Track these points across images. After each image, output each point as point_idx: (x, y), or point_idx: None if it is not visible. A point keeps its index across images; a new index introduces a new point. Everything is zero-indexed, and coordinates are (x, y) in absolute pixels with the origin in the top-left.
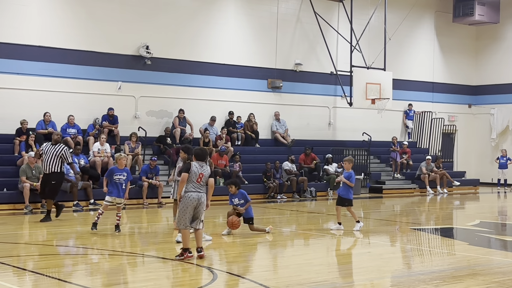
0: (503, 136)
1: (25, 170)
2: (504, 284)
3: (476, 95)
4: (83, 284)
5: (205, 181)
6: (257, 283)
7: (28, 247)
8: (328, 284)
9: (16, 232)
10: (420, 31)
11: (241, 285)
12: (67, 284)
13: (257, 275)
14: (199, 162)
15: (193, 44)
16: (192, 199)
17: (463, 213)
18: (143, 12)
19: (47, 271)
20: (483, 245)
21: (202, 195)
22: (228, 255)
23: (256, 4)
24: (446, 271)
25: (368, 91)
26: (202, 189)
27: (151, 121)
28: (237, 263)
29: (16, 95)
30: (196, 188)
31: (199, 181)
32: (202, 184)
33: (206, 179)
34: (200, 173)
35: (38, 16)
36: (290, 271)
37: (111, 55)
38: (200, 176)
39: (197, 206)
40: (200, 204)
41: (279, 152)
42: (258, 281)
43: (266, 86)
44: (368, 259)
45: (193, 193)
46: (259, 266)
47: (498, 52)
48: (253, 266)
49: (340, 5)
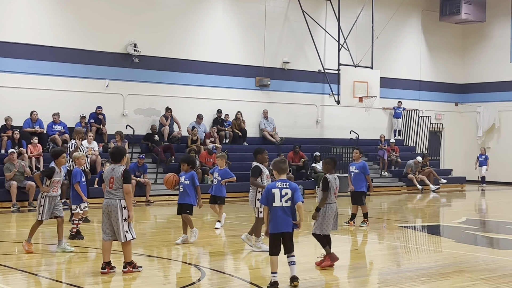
0: (489, 134)
1: (8, 167)
2: (490, 281)
3: (463, 94)
4: (70, 283)
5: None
6: (245, 281)
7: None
8: (316, 281)
9: (2, 230)
10: (407, 29)
11: (229, 283)
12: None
13: (244, 273)
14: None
15: (181, 42)
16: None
17: (449, 210)
18: (131, 10)
19: (33, 269)
20: (469, 242)
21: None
22: (215, 253)
23: (244, 2)
24: (433, 268)
25: (355, 89)
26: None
27: (139, 119)
28: (225, 261)
29: (3, 92)
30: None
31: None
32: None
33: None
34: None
35: (26, 14)
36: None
37: (99, 53)
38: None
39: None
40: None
41: (267, 150)
42: (245, 279)
43: (254, 84)
44: (356, 257)
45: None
46: (246, 264)
47: (485, 50)
48: (240, 264)
49: (327, 4)
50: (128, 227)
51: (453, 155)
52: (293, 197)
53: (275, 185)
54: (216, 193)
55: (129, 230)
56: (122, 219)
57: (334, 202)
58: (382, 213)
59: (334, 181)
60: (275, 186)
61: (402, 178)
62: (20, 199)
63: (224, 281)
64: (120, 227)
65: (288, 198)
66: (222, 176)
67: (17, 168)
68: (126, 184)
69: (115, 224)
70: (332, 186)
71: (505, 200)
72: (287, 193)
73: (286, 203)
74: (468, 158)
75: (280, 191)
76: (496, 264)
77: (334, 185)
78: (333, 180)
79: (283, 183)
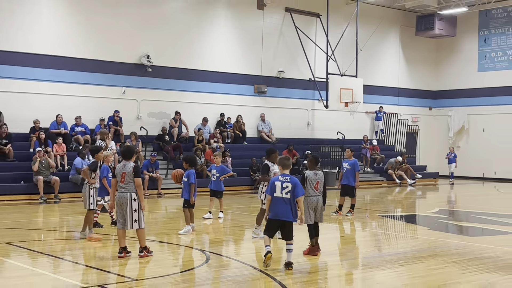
0: (459, 135)
1: (36, 164)
2: (460, 264)
3: (436, 99)
4: (90, 265)
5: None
6: (244, 264)
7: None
8: (307, 264)
9: (31, 219)
10: (387, 43)
11: (231, 266)
12: (79, 266)
13: (245, 257)
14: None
15: (188, 54)
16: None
17: (424, 202)
18: (144, 25)
19: (58, 253)
20: (441, 230)
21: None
22: (219, 238)
23: (244, 19)
24: (409, 253)
25: (342, 96)
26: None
27: (151, 121)
28: (227, 246)
29: (31, 98)
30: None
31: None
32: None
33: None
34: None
35: (50, 29)
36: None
37: (116, 63)
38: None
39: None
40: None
41: (264, 149)
42: (246, 262)
43: (253, 91)
44: (343, 242)
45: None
46: (246, 249)
47: (455, 62)
48: (241, 249)
49: (317, 20)
50: (138, 217)
51: (428, 153)
52: (294, 191)
53: (278, 178)
54: (215, 187)
55: (138, 219)
56: (132, 210)
57: (314, 195)
58: (365, 204)
59: (314, 176)
60: (278, 179)
61: (383, 173)
62: (46, 192)
63: (226, 264)
64: (129, 216)
65: (288, 191)
66: (220, 172)
67: (42, 161)
68: (137, 178)
69: (125, 214)
70: (310, 181)
71: (472, 193)
72: (288, 186)
73: (286, 195)
74: (440, 156)
75: (282, 184)
76: (466, 249)
77: (314, 180)
78: (312, 176)
79: (285, 177)
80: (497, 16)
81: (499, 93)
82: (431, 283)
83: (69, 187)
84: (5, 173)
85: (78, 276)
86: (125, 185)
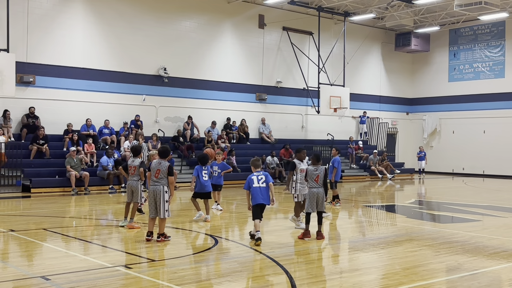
0: (432, 136)
1: (69, 161)
2: (433, 247)
3: (412, 105)
4: (117, 248)
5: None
6: (248, 247)
7: (74, 220)
8: (300, 246)
9: (64, 208)
10: (370, 57)
11: (236, 249)
12: (106, 249)
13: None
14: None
15: (199, 66)
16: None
17: (402, 194)
18: (162, 42)
19: (88, 238)
20: (417, 218)
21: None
22: (226, 225)
23: (247, 37)
24: (389, 238)
25: (331, 102)
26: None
27: (167, 125)
28: (234, 232)
29: (65, 105)
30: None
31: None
32: (160, 177)
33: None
34: (157, 169)
35: (82, 46)
36: (272, 238)
37: (137, 75)
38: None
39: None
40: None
41: (265, 148)
42: (249, 246)
43: (255, 98)
44: (331, 229)
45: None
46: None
47: (429, 73)
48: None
49: (310, 38)
50: (168, 207)
51: (405, 152)
52: (267, 180)
53: (253, 174)
54: (216, 182)
55: (168, 210)
56: (164, 200)
57: (315, 187)
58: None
59: (314, 171)
60: (254, 175)
61: (366, 169)
62: (78, 185)
63: (232, 247)
64: (162, 206)
65: (263, 181)
66: (221, 168)
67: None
68: (170, 176)
69: (159, 204)
70: (311, 174)
71: (443, 186)
72: (262, 178)
73: (262, 184)
74: (416, 154)
75: (257, 177)
76: (438, 234)
77: (314, 175)
78: (313, 170)
79: (258, 173)
80: (465, 34)
81: (466, 100)
82: (408, 264)
83: (97, 181)
84: (42, 169)
85: (105, 257)
86: (158, 179)
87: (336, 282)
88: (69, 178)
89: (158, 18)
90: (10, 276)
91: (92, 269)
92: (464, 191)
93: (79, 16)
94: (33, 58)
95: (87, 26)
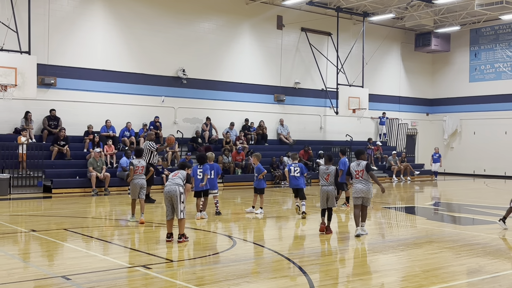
0: (453, 137)
1: (92, 162)
2: (453, 249)
3: (432, 106)
4: (137, 248)
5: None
6: (266, 248)
7: (94, 220)
8: (318, 248)
9: (85, 209)
10: (389, 57)
11: (255, 250)
12: (125, 249)
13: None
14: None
15: (217, 67)
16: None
17: (422, 195)
18: (180, 44)
19: (108, 238)
20: (437, 220)
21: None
22: (244, 226)
23: (266, 38)
24: (409, 239)
25: (350, 103)
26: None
27: (186, 126)
28: (252, 233)
29: (85, 106)
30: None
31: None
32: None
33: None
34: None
35: (101, 47)
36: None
37: (157, 76)
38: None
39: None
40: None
41: (283, 149)
42: (267, 247)
43: (273, 99)
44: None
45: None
46: (268, 236)
47: (449, 73)
48: (264, 236)
49: (329, 38)
50: (184, 208)
51: (425, 153)
52: (301, 171)
53: (291, 165)
54: (256, 185)
55: (183, 210)
56: (180, 201)
57: (325, 185)
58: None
59: (325, 170)
60: (291, 165)
61: (385, 170)
62: (98, 186)
63: (250, 248)
64: (179, 207)
65: (298, 172)
66: (257, 172)
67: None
68: (187, 184)
69: (175, 205)
70: (322, 173)
71: (463, 188)
72: (298, 169)
73: (297, 174)
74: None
75: (294, 168)
76: (458, 236)
77: (325, 174)
78: (324, 169)
79: (295, 164)
80: (486, 34)
81: (488, 100)
82: (428, 266)
83: (117, 182)
84: (63, 169)
85: (124, 257)
86: (174, 180)
87: (356, 284)
88: (90, 178)
89: (176, 19)
90: (31, 275)
91: (112, 269)
92: (485, 192)
93: (99, 18)
94: (54, 60)
95: (107, 28)
